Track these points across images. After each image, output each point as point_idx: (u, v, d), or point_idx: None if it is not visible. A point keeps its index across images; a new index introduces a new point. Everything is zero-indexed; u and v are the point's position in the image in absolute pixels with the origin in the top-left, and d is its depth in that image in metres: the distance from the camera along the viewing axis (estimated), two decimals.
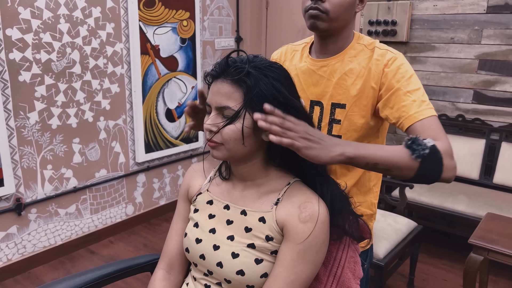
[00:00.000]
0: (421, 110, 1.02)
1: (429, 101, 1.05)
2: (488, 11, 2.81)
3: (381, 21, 3.13)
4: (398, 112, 1.05)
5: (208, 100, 0.92)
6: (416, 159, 0.90)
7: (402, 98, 1.05)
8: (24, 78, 2.33)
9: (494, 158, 2.85)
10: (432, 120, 1.01)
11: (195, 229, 1.00)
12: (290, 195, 0.92)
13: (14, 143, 2.34)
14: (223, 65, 0.89)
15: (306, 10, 1.09)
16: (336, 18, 1.09)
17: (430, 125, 1.00)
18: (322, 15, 1.07)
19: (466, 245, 1.86)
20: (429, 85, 3.13)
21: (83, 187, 2.73)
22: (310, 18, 1.09)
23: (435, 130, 0.99)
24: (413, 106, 1.03)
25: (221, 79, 0.89)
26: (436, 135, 0.98)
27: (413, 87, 1.05)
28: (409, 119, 1.02)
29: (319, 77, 1.17)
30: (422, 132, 0.99)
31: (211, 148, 0.92)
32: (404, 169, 0.91)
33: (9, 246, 2.43)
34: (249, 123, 0.87)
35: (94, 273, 1.13)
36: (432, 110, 1.03)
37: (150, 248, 2.85)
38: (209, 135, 0.90)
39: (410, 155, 0.90)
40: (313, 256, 0.88)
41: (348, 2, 1.08)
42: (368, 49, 1.13)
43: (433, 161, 0.91)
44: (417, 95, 1.04)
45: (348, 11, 1.10)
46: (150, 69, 2.97)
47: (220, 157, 0.92)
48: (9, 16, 2.22)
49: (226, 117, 0.88)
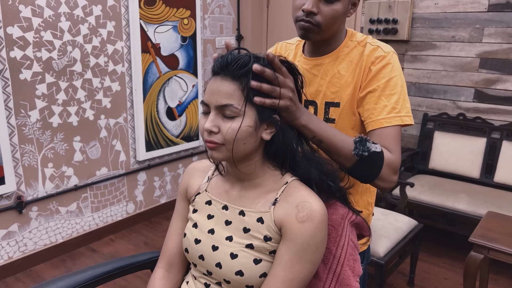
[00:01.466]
0: (388, 118, 1.03)
1: (401, 108, 1.04)
2: (489, 10, 2.80)
3: (382, 19, 3.13)
4: (367, 112, 1.06)
5: (206, 100, 0.89)
6: (354, 156, 0.96)
7: (375, 100, 1.05)
8: (25, 76, 2.34)
9: (495, 156, 2.85)
10: (393, 130, 1.03)
11: (194, 229, 1.00)
12: (288, 195, 0.92)
13: (15, 141, 2.35)
14: (223, 62, 0.87)
15: (297, 20, 1.07)
16: (328, 29, 1.07)
17: (389, 136, 1.02)
18: (313, 28, 1.05)
19: (466, 244, 1.86)
20: (430, 84, 3.12)
21: (84, 185, 2.74)
22: (301, 29, 1.07)
23: (391, 142, 1.02)
24: (382, 111, 1.03)
25: (221, 76, 0.87)
26: (390, 147, 1.01)
27: (389, 91, 1.05)
28: (374, 123, 1.04)
29: (313, 76, 1.16)
30: (379, 139, 1.02)
31: (211, 149, 0.89)
32: (342, 157, 0.98)
33: (10, 244, 2.44)
34: (251, 121, 0.87)
35: (94, 271, 1.13)
36: (399, 119, 1.03)
37: (151, 246, 2.85)
38: (208, 135, 0.88)
39: (351, 149, 0.96)
40: (311, 255, 0.88)
41: (340, 13, 1.05)
42: (360, 46, 1.12)
43: (370, 164, 0.97)
44: (391, 100, 1.04)
45: (340, 20, 1.08)
46: (150, 67, 2.97)
47: (220, 158, 0.90)
48: (10, 14, 2.22)
49: (227, 117, 0.86)
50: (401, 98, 1.05)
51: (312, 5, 1.02)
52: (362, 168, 0.97)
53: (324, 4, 1.03)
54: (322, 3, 1.03)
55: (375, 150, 0.95)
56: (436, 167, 3.05)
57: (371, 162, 0.96)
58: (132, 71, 2.87)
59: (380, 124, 1.03)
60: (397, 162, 1.01)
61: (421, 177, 2.99)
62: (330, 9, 1.04)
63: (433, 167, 3.07)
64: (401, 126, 1.04)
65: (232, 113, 0.86)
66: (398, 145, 1.03)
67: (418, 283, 2.44)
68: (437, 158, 3.05)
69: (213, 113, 0.88)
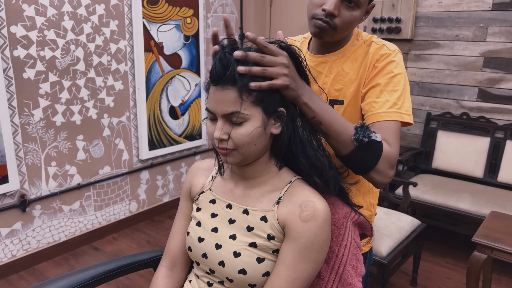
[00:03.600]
0: (389, 112, 1.02)
1: (402, 105, 1.03)
2: (493, 8, 2.79)
3: (386, 18, 3.12)
4: (368, 106, 1.05)
5: (211, 108, 0.88)
6: (353, 141, 0.93)
7: (377, 94, 1.04)
8: (29, 75, 2.34)
9: (498, 156, 2.84)
10: (393, 125, 1.01)
11: (198, 228, 1.00)
12: (291, 194, 0.92)
13: (19, 140, 2.35)
14: (217, 73, 0.85)
15: (314, 17, 1.05)
16: (342, 33, 1.07)
17: (389, 129, 1.00)
18: (329, 30, 1.04)
19: (469, 243, 1.85)
20: (433, 83, 3.11)
21: (87, 184, 2.75)
22: (316, 28, 1.06)
23: (390, 135, 1.00)
24: (384, 105, 1.02)
25: (221, 85, 0.85)
26: (390, 140, 0.99)
27: (392, 87, 1.04)
28: (374, 116, 1.03)
29: (318, 73, 1.16)
30: (378, 132, 0.99)
31: (224, 155, 0.90)
32: (341, 142, 0.94)
33: (13, 242, 2.45)
34: (259, 121, 0.87)
35: (97, 269, 1.13)
36: (399, 116, 1.02)
37: (154, 245, 2.86)
38: (219, 143, 0.88)
39: (351, 135, 0.93)
40: (315, 255, 0.88)
41: (358, 19, 1.06)
42: (366, 45, 1.12)
43: (368, 152, 0.94)
44: (393, 96, 1.03)
45: (355, 25, 1.08)
46: (153, 66, 2.98)
47: (234, 163, 0.91)
48: (13, 13, 2.23)
49: (236, 123, 0.86)
50: (402, 96, 1.04)
51: (334, 6, 1.01)
52: (359, 156, 0.94)
53: (345, 8, 1.03)
54: (343, 7, 1.03)
55: (375, 139, 0.93)
56: (440, 166, 3.04)
57: (369, 150, 0.93)
58: (135, 70, 2.88)
59: (380, 117, 1.02)
60: (395, 156, 0.99)
61: (424, 176, 2.98)
62: (350, 14, 1.04)
63: (436, 166, 3.06)
64: (401, 123, 1.03)
65: (239, 119, 0.85)
66: (397, 140, 1.01)
67: (420, 283, 2.43)
68: (440, 158, 3.04)
69: (220, 121, 0.87)
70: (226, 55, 0.86)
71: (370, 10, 1.10)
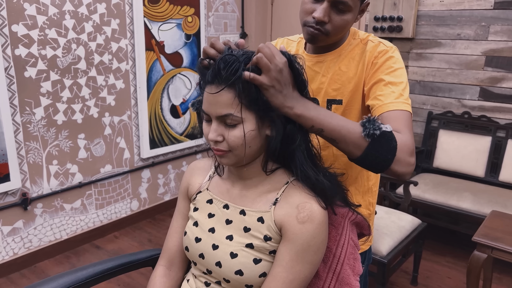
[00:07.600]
0: (396, 102, 0.98)
1: (408, 97, 1.01)
2: (495, 7, 2.78)
3: (387, 17, 3.11)
4: (374, 100, 1.02)
5: (206, 109, 0.88)
6: (365, 138, 0.87)
7: (381, 88, 1.02)
8: (30, 74, 2.35)
9: (500, 155, 2.83)
10: (402, 113, 0.97)
11: (195, 228, 1.00)
12: (288, 195, 0.92)
13: (20, 139, 2.36)
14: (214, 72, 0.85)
15: (306, 25, 1.05)
16: (336, 36, 1.06)
17: (398, 117, 0.95)
18: (322, 36, 1.04)
19: (470, 243, 1.85)
20: (435, 82, 3.10)
21: (88, 182, 2.75)
22: (309, 35, 1.05)
23: (401, 123, 0.94)
24: (390, 96, 1.00)
25: (215, 85, 0.85)
26: (401, 128, 0.93)
27: (395, 80, 1.02)
28: (381, 107, 0.99)
29: (315, 73, 1.15)
30: (388, 122, 0.94)
31: (219, 156, 0.90)
32: (351, 144, 0.88)
33: (15, 240, 2.46)
34: (253, 124, 0.87)
35: (96, 268, 1.14)
36: (407, 106, 0.99)
37: (155, 243, 2.87)
38: (214, 144, 0.89)
39: (361, 133, 0.87)
40: (312, 256, 0.88)
41: (350, 22, 1.05)
42: (362, 43, 1.11)
43: (383, 145, 0.87)
44: (398, 88, 1.01)
45: (348, 28, 1.07)
46: (155, 65, 2.98)
47: (229, 164, 0.92)
48: (15, 12, 2.24)
49: (229, 125, 0.86)
50: (405, 88, 1.03)
51: (324, 14, 1.00)
52: (375, 151, 0.87)
53: (335, 13, 1.02)
54: (333, 13, 1.02)
55: (386, 130, 0.87)
56: (441, 165, 3.04)
57: (384, 143, 0.87)
58: (136, 69, 2.88)
59: (387, 107, 0.98)
60: (411, 142, 0.92)
61: (425, 175, 2.98)
62: (341, 19, 1.03)
63: (438, 165, 3.05)
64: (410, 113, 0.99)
65: (233, 121, 0.85)
66: (408, 128, 0.95)
67: (421, 282, 2.43)
68: (441, 157, 3.03)
69: (215, 122, 0.88)
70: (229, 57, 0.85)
71: (365, 9, 1.09)
